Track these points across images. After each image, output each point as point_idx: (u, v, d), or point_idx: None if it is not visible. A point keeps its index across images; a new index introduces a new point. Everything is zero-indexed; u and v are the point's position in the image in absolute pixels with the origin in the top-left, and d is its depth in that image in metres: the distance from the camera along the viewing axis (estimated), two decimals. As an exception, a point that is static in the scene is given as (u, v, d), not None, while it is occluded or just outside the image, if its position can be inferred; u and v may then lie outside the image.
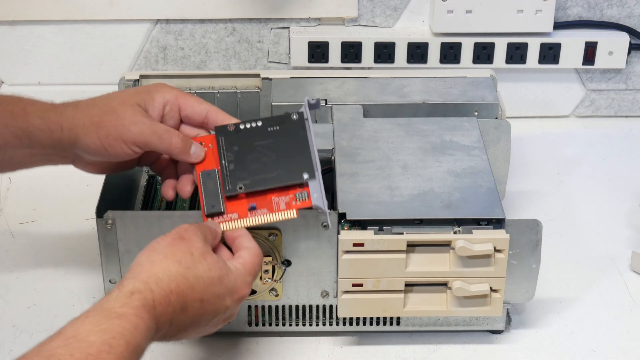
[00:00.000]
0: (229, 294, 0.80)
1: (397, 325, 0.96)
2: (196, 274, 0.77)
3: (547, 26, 1.26)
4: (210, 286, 0.78)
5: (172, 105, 0.90)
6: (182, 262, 0.77)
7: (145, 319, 0.71)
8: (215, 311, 0.79)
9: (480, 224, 0.90)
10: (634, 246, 1.08)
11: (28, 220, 1.13)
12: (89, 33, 1.27)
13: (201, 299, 0.77)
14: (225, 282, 0.79)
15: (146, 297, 0.72)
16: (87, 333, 0.67)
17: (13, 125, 0.86)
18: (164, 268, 0.76)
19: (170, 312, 0.74)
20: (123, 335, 0.68)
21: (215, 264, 0.79)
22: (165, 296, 0.74)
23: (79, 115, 0.87)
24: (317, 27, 1.28)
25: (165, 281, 0.75)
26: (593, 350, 0.96)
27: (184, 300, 0.76)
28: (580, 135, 1.31)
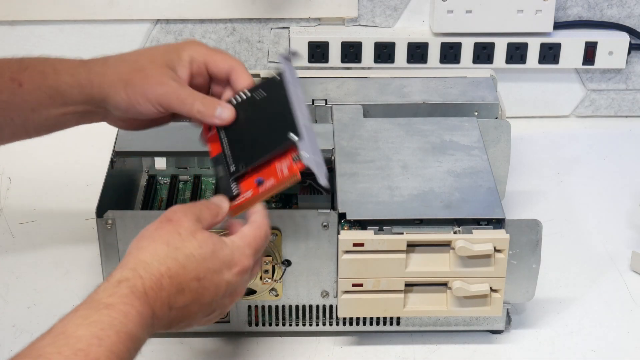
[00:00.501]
0: (227, 267, 0.77)
1: (397, 325, 0.96)
2: (186, 253, 0.75)
3: (547, 26, 1.26)
4: (203, 262, 0.75)
5: (200, 64, 0.88)
6: (170, 244, 0.75)
7: (136, 305, 0.69)
8: (216, 287, 0.76)
9: (480, 224, 0.90)
10: (634, 246, 1.08)
11: (28, 220, 1.13)
12: (89, 33, 1.27)
13: (197, 277, 0.75)
14: (221, 256, 0.77)
15: (135, 283, 0.71)
16: (76, 328, 0.66)
17: (45, 85, 0.88)
18: (152, 252, 0.74)
19: (165, 296, 0.72)
20: (112, 326, 0.66)
21: (206, 239, 0.76)
22: (156, 280, 0.72)
23: (108, 72, 0.87)
24: (317, 27, 1.28)
25: (154, 265, 0.73)
26: (593, 350, 0.96)
27: (178, 282, 0.73)
28: (580, 135, 1.31)
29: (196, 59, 0.88)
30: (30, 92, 0.88)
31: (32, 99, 0.88)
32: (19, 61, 0.89)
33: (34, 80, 0.88)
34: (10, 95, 0.88)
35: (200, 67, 0.88)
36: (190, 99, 0.86)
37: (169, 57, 0.87)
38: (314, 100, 1.07)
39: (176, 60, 0.87)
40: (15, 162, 1.20)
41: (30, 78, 0.88)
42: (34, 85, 0.88)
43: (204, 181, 1.09)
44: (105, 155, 1.00)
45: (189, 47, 0.88)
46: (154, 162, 1.11)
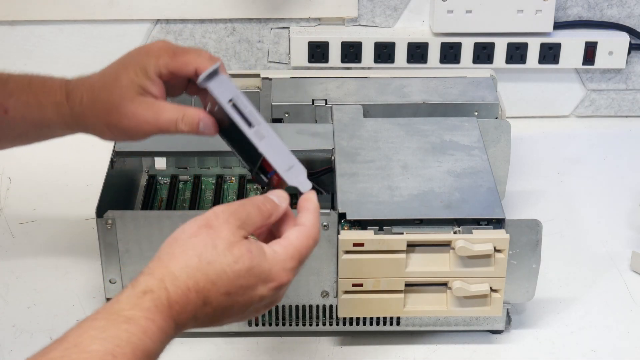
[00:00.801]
0: (262, 283, 0.73)
1: (397, 325, 0.96)
2: (218, 269, 0.71)
3: (547, 26, 1.26)
4: (236, 280, 0.71)
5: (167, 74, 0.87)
6: (202, 257, 0.70)
7: (157, 321, 0.67)
8: (247, 301, 0.73)
9: (480, 224, 0.90)
10: (634, 246, 1.08)
11: (28, 220, 1.13)
12: (89, 33, 1.27)
13: (227, 292, 0.71)
14: (257, 272, 0.72)
15: (160, 296, 0.67)
16: (90, 341, 0.63)
17: (30, 117, 0.89)
18: (182, 264, 0.70)
19: (191, 310, 0.69)
20: (129, 343, 0.64)
21: (244, 254, 0.72)
22: (182, 295, 0.68)
23: (87, 113, 0.88)
24: (317, 27, 1.28)
25: (182, 279, 0.69)
26: (593, 350, 0.96)
27: (205, 296, 0.70)
28: (580, 135, 1.31)
29: (162, 72, 0.87)
30: (16, 120, 0.89)
31: (17, 127, 0.90)
32: (4, 84, 0.90)
33: (19, 109, 0.89)
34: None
35: (169, 76, 0.87)
36: (172, 126, 0.86)
37: (138, 81, 0.86)
38: (314, 100, 1.07)
39: (145, 82, 0.86)
40: (15, 162, 1.20)
41: (15, 107, 0.89)
42: (19, 114, 0.89)
43: (204, 181, 1.09)
44: (105, 155, 1.00)
45: (152, 62, 0.87)
46: (154, 162, 1.11)
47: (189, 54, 0.86)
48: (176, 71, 0.86)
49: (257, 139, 0.81)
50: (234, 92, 0.83)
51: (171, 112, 0.86)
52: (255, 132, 0.81)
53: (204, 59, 0.86)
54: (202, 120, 0.85)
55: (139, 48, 0.89)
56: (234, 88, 0.83)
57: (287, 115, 1.06)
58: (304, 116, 1.07)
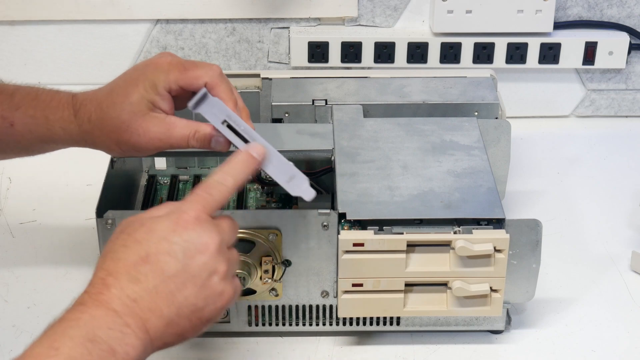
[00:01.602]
0: (170, 231, 0.72)
1: (397, 325, 0.96)
2: (117, 248, 0.72)
3: (547, 26, 1.26)
4: (138, 243, 0.72)
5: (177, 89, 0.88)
6: (104, 254, 0.73)
7: (87, 311, 0.68)
8: (171, 255, 0.71)
9: (480, 224, 0.90)
10: (634, 246, 1.08)
11: (28, 220, 1.13)
12: (89, 33, 1.27)
13: (140, 259, 0.71)
14: (154, 226, 0.72)
15: (82, 298, 0.70)
16: (32, 347, 0.66)
17: (37, 131, 0.90)
18: (96, 267, 0.73)
19: (117, 292, 0.69)
20: (65, 333, 0.66)
21: (134, 225, 0.73)
22: (100, 286, 0.70)
23: (95, 131, 0.88)
24: (317, 27, 1.28)
25: (95, 277, 0.71)
26: (593, 350, 0.96)
27: (123, 273, 0.70)
28: (580, 135, 1.31)
29: (172, 87, 0.87)
30: (22, 133, 0.90)
31: (23, 140, 0.91)
32: (10, 96, 0.90)
33: (26, 123, 0.90)
34: (1, 133, 0.90)
35: (179, 91, 0.88)
36: (184, 142, 0.86)
37: (148, 97, 0.86)
38: (314, 100, 1.07)
39: (155, 97, 0.87)
40: (15, 162, 1.20)
41: (22, 121, 0.90)
42: (26, 128, 0.90)
43: (204, 181, 1.09)
44: (105, 155, 1.00)
45: (162, 77, 0.87)
46: (154, 162, 1.11)
47: (198, 68, 0.87)
48: (187, 86, 0.87)
49: None
50: (226, 112, 0.84)
51: (183, 128, 0.86)
52: None
53: (215, 73, 0.87)
54: (214, 137, 0.86)
55: (146, 62, 0.89)
56: (225, 108, 0.84)
57: (287, 115, 1.06)
58: (304, 116, 1.07)
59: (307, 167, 1.01)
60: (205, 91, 0.84)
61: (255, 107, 1.10)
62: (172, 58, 0.88)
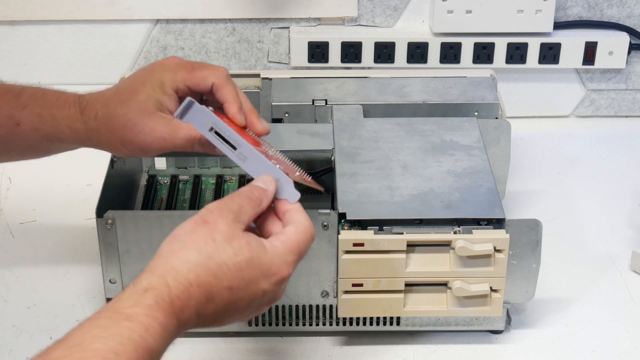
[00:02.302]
0: (264, 277, 0.73)
1: (397, 325, 0.96)
2: (219, 262, 0.71)
3: (547, 26, 1.26)
4: (238, 272, 0.72)
5: (184, 90, 0.88)
6: (202, 251, 0.71)
7: (159, 318, 0.66)
8: (251, 296, 0.73)
9: (480, 224, 0.90)
10: (634, 246, 1.08)
11: (28, 220, 1.13)
12: (89, 33, 1.27)
13: (230, 286, 0.71)
14: (258, 264, 0.73)
15: (161, 292, 0.67)
16: (92, 339, 0.63)
17: (43, 129, 0.90)
18: (183, 259, 0.70)
19: (193, 305, 0.69)
20: (131, 340, 0.64)
21: (243, 247, 0.72)
22: (184, 290, 0.68)
23: (101, 129, 0.88)
24: (317, 27, 1.28)
25: (183, 273, 0.69)
26: (593, 350, 0.96)
27: (208, 291, 0.70)
28: (580, 135, 1.31)
29: (179, 87, 0.88)
30: (28, 132, 0.90)
31: (29, 139, 0.91)
32: (17, 96, 0.90)
33: (32, 122, 0.90)
34: (7, 133, 0.90)
35: (185, 91, 0.88)
36: (188, 145, 0.87)
37: (156, 96, 0.87)
38: (314, 100, 1.07)
39: (163, 97, 0.87)
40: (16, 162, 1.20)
41: (28, 119, 0.90)
42: (32, 127, 0.90)
43: (204, 181, 1.09)
44: (105, 155, 1.00)
45: (169, 76, 0.87)
46: (154, 162, 1.11)
47: (206, 69, 0.87)
48: (193, 86, 0.87)
49: (240, 160, 0.83)
50: (212, 119, 0.84)
51: (188, 130, 0.87)
52: (237, 155, 0.83)
53: (222, 74, 0.87)
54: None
55: (153, 64, 0.90)
56: (212, 115, 0.84)
57: (287, 115, 1.06)
58: (304, 116, 1.07)
59: (307, 167, 1.01)
60: (191, 100, 0.84)
61: (255, 107, 1.09)
62: (180, 60, 0.89)
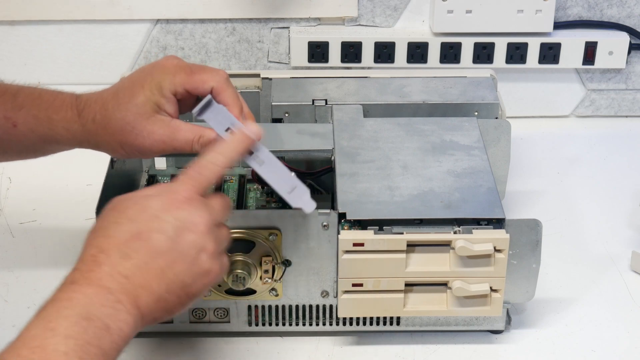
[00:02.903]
0: (162, 210, 0.73)
1: (397, 325, 0.96)
2: (109, 225, 0.73)
3: (547, 26, 1.26)
4: (131, 221, 0.73)
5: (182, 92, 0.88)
6: (94, 230, 0.74)
7: (80, 290, 0.68)
8: (163, 233, 0.73)
9: (480, 224, 0.90)
10: (634, 246, 1.08)
11: (28, 220, 1.13)
12: (89, 33, 1.27)
13: (132, 236, 0.72)
14: (147, 205, 0.74)
15: (73, 276, 0.71)
16: (28, 330, 0.66)
17: (40, 131, 0.90)
18: (84, 245, 0.74)
19: (108, 269, 0.70)
20: (60, 314, 0.66)
21: (126, 203, 0.75)
22: (90, 263, 0.71)
23: (100, 131, 0.88)
24: (317, 27, 1.28)
25: (85, 254, 0.73)
26: (593, 350, 0.96)
27: (115, 251, 0.71)
28: (580, 135, 1.32)
29: (178, 90, 0.87)
30: (25, 133, 0.90)
31: (26, 140, 0.91)
32: (13, 96, 0.90)
33: (28, 123, 0.90)
34: (4, 134, 0.90)
35: (184, 94, 0.88)
36: (187, 146, 0.87)
37: (154, 99, 0.86)
38: (314, 100, 1.07)
39: (161, 99, 0.87)
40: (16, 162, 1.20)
41: (25, 121, 0.90)
42: (28, 128, 0.90)
43: (204, 181, 1.09)
44: (105, 155, 1.00)
45: (168, 79, 0.87)
46: (154, 162, 1.11)
47: (205, 72, 0.87)
48: (192, 90, 0.87)
49: (257, 165, 0.83)
50: (230, 119, 0.84)
51: (188, 132, 0.87)
52: (254, 158, 0.83)
53: (221, 78, 0.87)
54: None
55: (152, 64, 0.89)
56: (230, 116, 0.84)
57: (287, 115, 1.06)
58: (304, 116, 1.07)
59: (307, 167, 1.01)
60: (211, 98, 0.84)
61: (255, 107, 1.10)
62: (179, 61, 0.88)
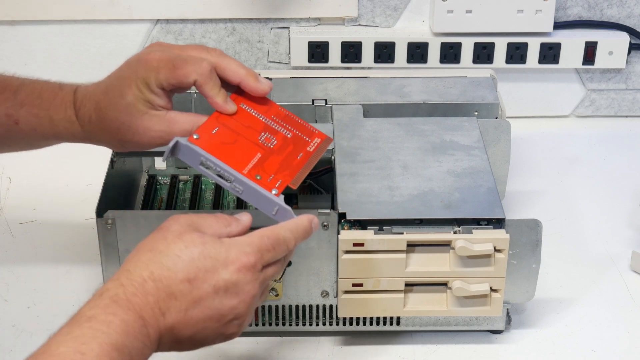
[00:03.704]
0: (223, 266, 0.73)
1: (397, 325, 0.96)
2: (170, 255, 0.73)
3: (547, 26, 1.26)
4: (191, 262, 0.73)
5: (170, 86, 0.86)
6: (154, 249, 0.73)
7: (118, 314, 0.68)
8: (214, 288, 0.73)
9: (480, 224, 0.90)
10: (634, 246, 1.08)
11: (28, 220, 1.13)
12: (89, 33, 1.27)
13: (187, 278, 0.72)
14: (213, 254, 0.74)
15: (117, 292, 0.69)
16: (58, 345, 0.65)
17: (41, 129, 0.90)
18: (135, 260, 0.72)
19: (153, 301, 0.70)
20: (95, 338, 0.65)
21: (195, 239, 0.74)
22: (138, 286, 0.70)
23: (96, 131, 0.89)
24: (317, 27, 1.28)
25: (136, 272, 0.71)
26: (593, 350, 0.96)
27: (165, 285, 0.71)
28: (580, 135, 1.31)
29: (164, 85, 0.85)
30: (27, 131, 0.91)
31: (28, 137, 0.91)
32: (14, 93, 0.90)
33: (30, 121, 0.90)
34: (6, 131, 0.91)
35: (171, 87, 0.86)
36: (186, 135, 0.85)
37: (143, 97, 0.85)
38: (314, 100, 1.07)
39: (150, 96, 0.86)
40: (15, 162, 1.20)
41: (26, 119, 0.90)
42: (30, 126, 0.90)
43: (204, 181, 1.09)
44: (105, 155, 1.00)
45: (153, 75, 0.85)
46: (154, 162, 1.11)
47: (188, 65, 0.85)
48: (178, 84, 0.86)
49: (237, 192, 0.83)
50: (201, 155, 0.83)
51: (184, 123, 0.86)
52: (232, 187, 0.83)
53: (204, 70, 0.85)
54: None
55: (137, 59, 0.87)
56: (200, 151, 0.83)
57: (287, 115, 1.06)
58: (304, 116, 1.06)
59: (307, 167, 1.01)
60: (176, 141, 0.83)
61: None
62: (162, 54, 0.86)
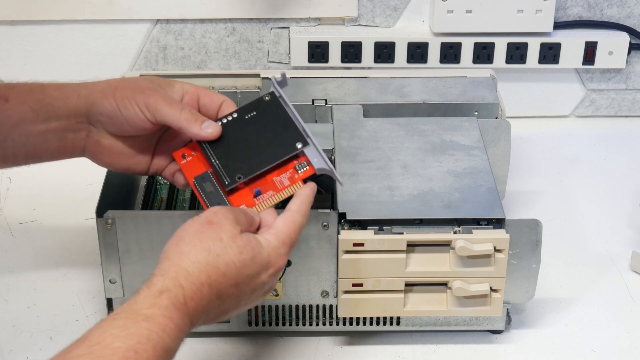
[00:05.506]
0: (264, 270, 0.78)
1: (397, 325, 0.96)
2: (227, 260, 0.75)
3: (547, 26, 1.26)
4: (243, 269, 0.76)
5: (192, 95, 0.89)
6: (211, 250, 0.75)
7: (175, 318, 0.70)
8: (252, 290, 0.78)
9: (480, 224, 0.90)
10: (634, 246, 1.08)
11: (28, 220, 1.13)
12: (89, 33, 1.27)
13: (236, 283, 0.75)
14: (258, 260, 0.77)
15: (176, 294, 0.71)
16: (112, 339, 0.66)
17: (31, 99, 0.88)
18: (193, 259, 0.74)
19: (204, 305, 0.73)
20: (150, 339, 0.67)
21: (246, 245, 0.76)
22: (196, 290, 0.72)
23: (98, 83, 0.89)
24: (317, 27, 1.28)
25: (195, 274, 0.73)
26: (593, 350, 0.96)
27: (217, 289, 0.74)
28: (580, 135, 1.32)
29: (189, 90, 0.89)
30: (15, 107, 0.89)
31: (15, 114, 0.88)
32: (8, 83, 0.91)
33: (20, 96, 0.89)
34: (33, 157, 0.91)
35: (191, 99, 0.89)
36: (179, 106, 0.86)
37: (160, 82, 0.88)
38: (314, 100, 1.07)
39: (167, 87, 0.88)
40: (15, 162, 1.21)
41: (17, 94, 0.89)
42: (20, 100, 0.89)
43: (204, 181, 1.09)
44: (105, 155, 1.00)
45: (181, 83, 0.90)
46: (154, 162, 1.11)
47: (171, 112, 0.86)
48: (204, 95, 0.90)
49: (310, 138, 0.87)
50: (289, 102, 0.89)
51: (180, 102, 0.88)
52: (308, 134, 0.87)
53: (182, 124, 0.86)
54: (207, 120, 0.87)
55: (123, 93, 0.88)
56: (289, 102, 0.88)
57: (287, 115, 1.06)
58: (304, 116, 1.06)
59: (307, 167, 1.01)
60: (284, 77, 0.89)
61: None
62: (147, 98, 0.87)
